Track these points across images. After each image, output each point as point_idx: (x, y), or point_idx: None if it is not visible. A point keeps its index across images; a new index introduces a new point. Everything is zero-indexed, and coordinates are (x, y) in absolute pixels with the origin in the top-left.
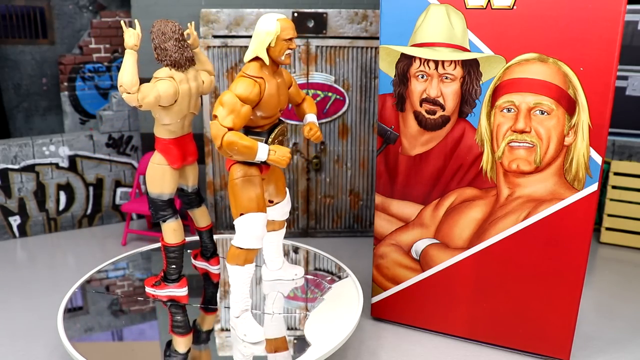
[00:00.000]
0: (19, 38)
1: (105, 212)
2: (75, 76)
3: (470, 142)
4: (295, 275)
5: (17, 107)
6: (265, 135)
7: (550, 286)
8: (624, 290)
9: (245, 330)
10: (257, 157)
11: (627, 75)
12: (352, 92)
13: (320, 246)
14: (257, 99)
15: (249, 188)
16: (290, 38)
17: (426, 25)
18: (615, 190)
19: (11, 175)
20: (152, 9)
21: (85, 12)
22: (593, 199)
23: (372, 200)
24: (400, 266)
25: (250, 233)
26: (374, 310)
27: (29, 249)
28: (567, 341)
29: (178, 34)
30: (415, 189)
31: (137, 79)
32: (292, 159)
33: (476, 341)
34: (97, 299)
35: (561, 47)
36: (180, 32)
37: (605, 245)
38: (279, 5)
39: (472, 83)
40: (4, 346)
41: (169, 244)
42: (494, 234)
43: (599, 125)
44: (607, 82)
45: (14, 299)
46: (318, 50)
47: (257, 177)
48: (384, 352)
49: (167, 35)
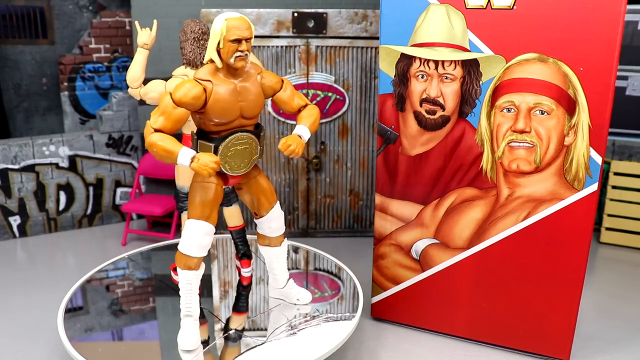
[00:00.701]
0: (19, 38)
1: (105, 212)
2: (75, 76)
3: (470, 142)
4: (297, 300)
5: (17, 107)
6: (217, 142)
7: (550, 286)
8: (624, 290)
9: (180, 336)
10: (178, 162)
11: (627, 75)
12: (352, 92)
13: (320, 246)
14: (197, 103)
15: (200, 194)
16: (236, 39)
17: (426, 25)
18: (615, 190)
19: (11, 175)
20: (152, 9)
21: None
22: (593, 199)
23: (372, 200)
24: (400, 266)
25: (189, 239)
26: (374, 310)
27: (29, 249)
28: (567, 341)
29: (197, 34)
30: (415, 189)
31: (141, 74)
32: (293, 159)
33: (476, 341)
34: (97, 299)
35: (561, 47)
36: (200, 32)
37: (605, 245)
38: (279, 5)
39: (472, 83)
40: (4, 346)
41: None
42: (494, 234)
43: (599, 125)
44: (607, 82)
45: (14, 299)
46: (318, 50)
47: (212, 184)
48: (384, 352)
49: (187, 35)
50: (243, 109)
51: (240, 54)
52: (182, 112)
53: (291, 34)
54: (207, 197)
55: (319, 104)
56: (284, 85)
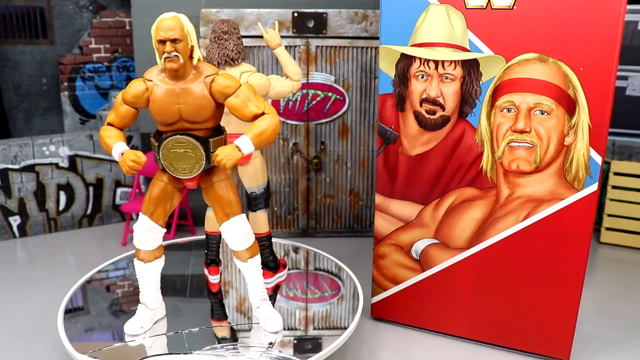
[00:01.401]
0: (19, 38)
1: (105, 212)
2: (75, 76)
3: (470, 142)
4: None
5: (17, 107)
6: (160, 142)
7: (550, 286)
8: (624, 290)
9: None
10: (112, 154)
11: (627, 75)
12: (352, 92)
13: (320, 246)
14: (138, 101)
15: (149, 189)
16: (160, 40)
17: (426, 25)
18: (615, 190)
19: (11, 175)
20: (152, 9)
21: (85, 12)
22: (593, 199)
23: (372, 200)
24: (400, 266)
25: (134, 232)
26: (374, 310)
27: (29, 249)
28: (567, 341)
29: (217, 33)
30: (415, 189)
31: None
32: (293, 159)
33: (476, 341)
34: (97, 299)
35: (561, 47)
36: (220, 32)
37: (605, 245)
38: (279, 5)
39: (472, 83)
40: (4, 346)
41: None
42: (494, 234)
43: (599, 125)
44: (607, 82)
45: (14, 299)
46: (318, 50)
47: (161, 183)
48: (384, 352)
49: (210, 35)
50: (182, 111)
51: (168, 56)
52: (126, 109)
53: (291, 34)
54: (153, 194)
55: (319, 104)
56: (238, 90)
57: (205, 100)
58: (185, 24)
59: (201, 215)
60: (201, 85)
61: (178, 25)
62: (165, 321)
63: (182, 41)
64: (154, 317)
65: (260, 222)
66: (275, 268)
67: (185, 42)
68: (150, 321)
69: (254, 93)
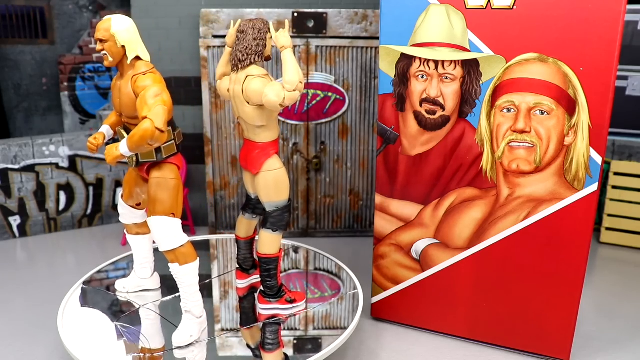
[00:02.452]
0: (19, 38)
1: (105, 212)
2: (75, 76)
3: (470, 142)
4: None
5: (17, 107)
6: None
7: (550, 286)
8: (624, 290)
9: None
10: None
11: (627, 75)
12: (352, 92)
13: (320, 246)
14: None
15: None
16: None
17: (426, 25)
18: (615, 190)
19: (11, 175)
20: (152, 9)
21: (85, 12)
22: (593, 199)
23: (372, 200)
24: (400, 266)
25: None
26: (374, 310)
27: (29, 249)
28: (567, 341)
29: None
30: (415, 189)
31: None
32: (293, 159)
33: (476, 341)
34: (97, 299)
35: (561, 47)
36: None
37: (605, 245)
38: (279, 5)
39: (472, 83)
40: (4, 346)
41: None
42: (494, 234)
43: (599, 125)
44: (607, 82)
45: (14, 299)
46: (318, 50)
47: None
48: (384, 352)
49: None
50: (124, 107)
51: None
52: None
53: (291, 34)
54: (124, 177)
55: (319, 104)
56: (144, 91)
57: (129, 98)
58: (112, 25)
59: (201, 215)
60: (128, 83)
61: (104, 27)
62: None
63: (108, 41)
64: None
65: (260, 241)
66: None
67: (112, 42)
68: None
69: (154, 96)
